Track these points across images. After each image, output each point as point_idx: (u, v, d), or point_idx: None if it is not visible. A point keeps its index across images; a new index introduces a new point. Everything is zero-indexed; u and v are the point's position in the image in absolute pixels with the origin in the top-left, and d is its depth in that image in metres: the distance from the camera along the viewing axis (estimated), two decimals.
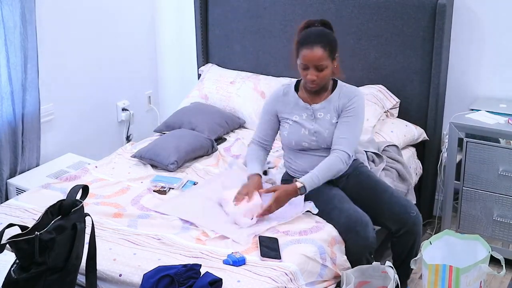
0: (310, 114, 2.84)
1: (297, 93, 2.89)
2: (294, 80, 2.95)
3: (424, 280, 2.59)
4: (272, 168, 3.27)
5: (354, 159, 2.95)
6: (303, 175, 2.78)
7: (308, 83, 2.76)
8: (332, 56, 2.74)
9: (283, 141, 2.94)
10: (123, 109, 4.26)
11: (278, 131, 2.97)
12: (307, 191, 2.71)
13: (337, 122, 2.81)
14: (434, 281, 2.52)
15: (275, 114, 2.92)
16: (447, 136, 3.40)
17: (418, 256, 2.62)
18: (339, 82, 2.89)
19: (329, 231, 2.66)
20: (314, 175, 2.72)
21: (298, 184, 2.69)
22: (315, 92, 2.83)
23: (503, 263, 2.56)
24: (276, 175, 3.15)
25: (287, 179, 2.95)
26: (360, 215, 2.67)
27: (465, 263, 2.55)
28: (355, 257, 2.65)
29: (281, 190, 2.71)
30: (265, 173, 3.22)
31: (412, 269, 2.76)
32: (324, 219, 2.73)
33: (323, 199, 2.76)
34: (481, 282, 2.52)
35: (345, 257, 2.66)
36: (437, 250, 2.70)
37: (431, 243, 2.68)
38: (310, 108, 2.84)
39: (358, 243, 2.64)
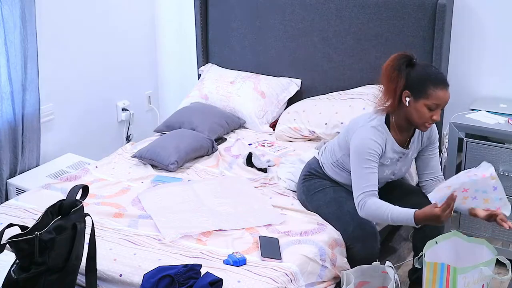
0: (401, 157, 2.70)
1: (390, 134, 2.65)
2: (380, 119, 2.64)
3: (423, 277, 2.59)
4: (273, 166, 3.27)
5: None
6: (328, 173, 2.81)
7: (428, 124, 2.57)
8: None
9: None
10: (123, 109, 4.26)
11: None
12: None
13: (414, 156, 2.76)
14: (433, 279, 2.52)
15: (379, 157, 2.62)
16: (447, 136, 3.40)
17: (420, 255, 2.62)
18: None
19: (330, 233, 2.66)
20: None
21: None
22: (404, 131, 2.66)
23: (509, 268, 2.55)
24: (278, 170, 3.15)
25: (311, 173, 2.88)
26: (370, 226, 2.65)
27: (468, 265, 2.55)
28: (357, 263, 2.65)
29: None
30: (265, 170, 3.22)
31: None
32: (330, 222, 2.72)
33: (337, 201, 2.74)
34: (483, 285, 2.51)
35: (346, 259, 2.66)
36: (443, 250, 2.70)
37: (436, 243, 2.68)
38: (406, 152, 2.69)
39: (362, 253, 2.65)
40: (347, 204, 2.72)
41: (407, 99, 2.55)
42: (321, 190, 2.80)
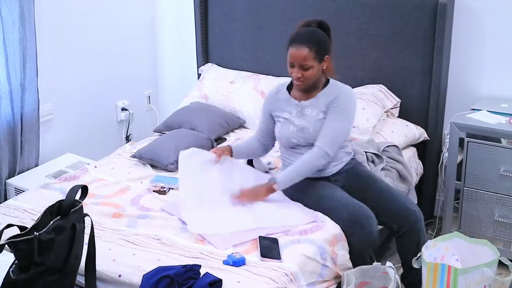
0: (299, 111, 2.87)
1: (289, 92, 2.93)
2: (289, 80, 2.96)
3: (423, 278, 2.59)
4: (273, 168, 3.26)
5: (352, 158, 2.95)
6: None
7: (294, 80, 2.81)
8: (320, 57, 2.75)
9: (277, 140, 2.99)
10: (123, 109, 4.25)
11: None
12: (279, 183, 2.78)
13: (323, 119, 2.82)
14: (433, 280, 2.51)
15: (269, 113, 2.97)
16: (448, 136, 3.39)
17: (419, 255, 2.61)
18: (331, 80, 2.89)
19: (330, 230, 2.64)
20: (289, 168, 2.81)
21: (273, 183, 2.80)
22: (306, 90, 2.86)
23: (511, 269, 2.54)
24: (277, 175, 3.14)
25: None
26: (365, 209, 2.68)
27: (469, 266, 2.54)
28: (359, 253, 2.65)
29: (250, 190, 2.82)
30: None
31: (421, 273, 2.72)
32: (327, 215, 2.72)
33: (324, 195, 2.77)
34: (485, 286, 2.50)
35: (348, 256, 2.65)
36: (443, 251, 2.69)
37: (435, 243, 2.67)
38: (299, 104, 2.87)
39: (362, 237, 2.64)
40: (334, 195, 2.75)
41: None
42: (304, 192, 2.83)
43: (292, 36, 2.79)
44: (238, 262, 2.38)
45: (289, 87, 2.95)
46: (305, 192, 2.84)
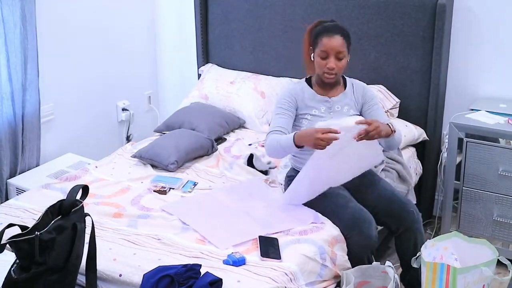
0: (329, 107, 2.85)
1: (311, 88, 2.90)
2: (301, 79, 2.95)
3: (422, 277, 2.60)
4: (273, 168, 3.26)
5: None
6: None
7: (326, 73, 2.77)
8: (348, 49, 2.80)
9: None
10: (123, 109, 4.26)
11: None
12: (396, 134, 2.72)
13: (355, 115, 2.82)
14: (432, 279, 2.52)
15: (295, 108, 2.85)
16: (447, 136, 3.40)
17: (418, 254, 2.62)
18: (347, 78, 2.95)
19: (329, 231, 2.66)
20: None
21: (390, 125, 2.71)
22: (330, 86, 2.86)
23: (510, 269, 2.55)
24: (278, 175, 3.15)
25: (292, 175, 2.93)
26: (364, 213, 2.68)
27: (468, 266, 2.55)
28: (357, 255, 2.65)
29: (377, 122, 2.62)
30: (265, 173, 3.22)
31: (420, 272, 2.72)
32: (327, 217, 2.73)
33: (326, 196, 2.76)
34: (483, 286, 2.51)
35: (346, 256, 2.66)
36: (442, 250, 2.70)
37: (435, 243, 2.68)
38: (329, 100, 2.85)
39: (360, 241, 2.64)
40: (336, 197, 2.75)
41: (312, 55, 2.82)
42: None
43: (321, 28, 2.79)
44: (238, 262, 2.39)
45: (308, 85, 2.91)
46: None
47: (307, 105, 2.86)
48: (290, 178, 2.93)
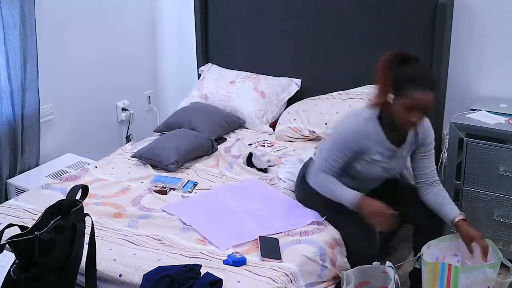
0: (392, 154, 2.67)
1: (383, 131, 2.63)
2: (374, 113, 2.63)
3: (423, 277, 2.59)
4: (273, 166, 3.26)
5: None
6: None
7: (408, 125, 2.55)
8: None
9: (351, 173, 2.70)
10: (123, 109, 4.26)
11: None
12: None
13: (409, 155, 2.75)
14: (433, 279, 2.52)
15: (358, 152, 2.63)
16: (448, 136, 3.39)
17: (418, 255, 2.62)
18: None
19: (330, 233, 2.66)
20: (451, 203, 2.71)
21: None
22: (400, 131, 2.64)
23: None
24: (278, 170, 3.15)
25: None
26: (368, 225, 2.63)
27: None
28: (356, 263, 2.64)
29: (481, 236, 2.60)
30: (265, 171, 3.22)
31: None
32: (329, 219, 2.72)
33: (332, 206, 2.71)
34: (488, 287, 2.50)
35: (346, 259, 2.66)
36: (444, 251, 2.70)
37: (437, 243, 2.68)
38: (397, 150, 2.67)
39: (361, 252, 2.64)
40: (344, 205, 2.71)
41: (391, 96, 2.53)
42: (317, 193, 2.80)
43: (419, 76, 2.50)
44: (238, 262, 2.39)
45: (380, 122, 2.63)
46: (315, 197, 2.78)
47: (371, 148, 2.62)
48: (302, 178, 2.89)
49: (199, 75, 4.19)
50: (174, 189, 3.03)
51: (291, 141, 3.60)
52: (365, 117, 2.62)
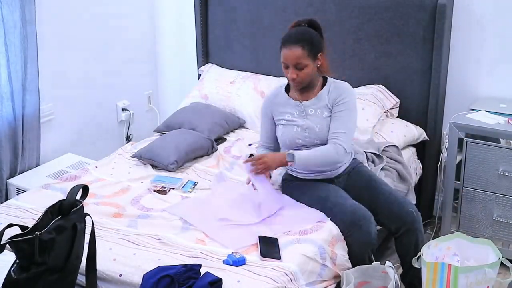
0: (301, 111, 2.88)
1: (287, 93, 2.95)
2: (285, 82, 2.98)
3: (422, 277, 2.60)
4: None
5: (353, 159, 2.96)
6: (303, 173, 2.87)
7: (289, 81, 2.84)
8: (314, 55, 2.78)
9: (280, 142, 2.97)
10: (123, 109, 4.26)
11: None
12: (295, 160, 2.77)
13: (329, 117, 2.84)
14: (433, 279, 2.52)
15: (270, 117, 2.98)
16: (447, 136, 3.40)
17: (419, 254, 2.62)
18: (329, 78, 2.93)
19: (330, 230, 2.65)
20: (307, 151, 2.81)
21: (287, 155, 2.79)
22: (304, 89, 2.88)
23: (511, 271, 2.55)
24: (276, 176, 3.15)
25: (287, 178, 2.96)
26: (363, 210, 2.68)
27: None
28: (357, 254, 2.66)
29: (271, 154, 2.88)
30: None
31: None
32: (326, 216, 2.73)
33: (324, 197, 2.77)
34: (488, 287, 2.51)
35: (347, 256, 2.66)
36: (444, 251, 2.70)
37: (437, 244, 2.68)
38: (300, 105, 2.89)
39: (360, 238, 2.64)
40: (334, 196, 2.76)
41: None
42: (303, 194, 2.84)
43: (283, 37, 2.83)
44: (238, 262, 2.39)
45: (287, 89, 2.97)
46: (305, 193, 2.85)
47: (280, 110, 2.93)
48: (285, 181, 2.97)
49: (199, 75, 4.20)
50: (174, 189, 3.03)
51: None
52: (277, 86, 3.06)
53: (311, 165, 2.83)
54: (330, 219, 2.70)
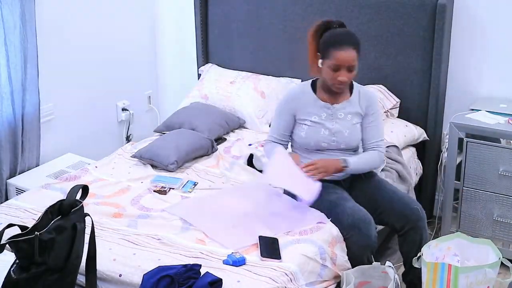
0: (331, 114, 2.82)
1: (314, 93, 2.86)
2: (307, 81, 2.91)
3: (423, 278, 2.60)
4: None
5: None
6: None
7: (336, 84, 2.74)
8: (359, 58, 2.76)
9: (298, 142, 2.89)
10: (123, 109, 4.26)
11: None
12: (349, 166, 2.77)
13: (358, 124, 2.83)
14: (433, 279, 2.52)
15: (292, 114, 2.87)
16: (447, 136, 3.40)
17: (419, 254, 2.62)
18: (354, 83, 2.89)
19: (330, 231, 2.65)
20: (356, 157, 2.81)
21: (341, 160, 2.77)
22: (335, 93, 2.82)
23: (511, 271, 2.55)
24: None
25: None
26: (363, 213, 2.68)
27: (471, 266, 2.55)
28: (357, 256, 2.65)
29: (324, 160, 2.78)
30: None
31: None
32: (326, 217, 2.73)
33: (325, 198, 2.76)
34: (488, 287, 2.51)
35: (346, 257, 2.66)
36: (444, 251, 2.70)
37: (437, 244, 2.68)
38: (331, 107, 2.83)
39: (360, 241, 2.64)
40: (335, 198, 2.75)
41: (320, 61, 2.76)
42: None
43: (332, 38, 2.73)
44: (238, 262, 2.39)
45: (313, 88, 2.88)
46: None
47: (307, 110, 2.83)
48: None
49: (199, 75, 4.20)
50: (174, 189, 3.03)
51: None
52: (300, 83, 2.98)
53: (359, 170, 2.84)
54: (330, 220, 2.70)
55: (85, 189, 2.23)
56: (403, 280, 2.89)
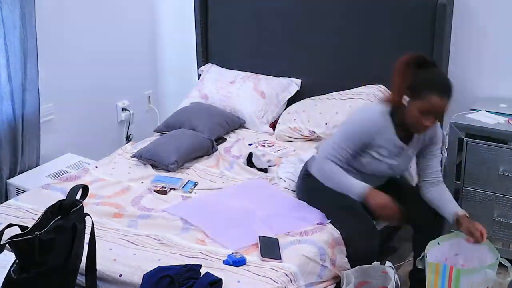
0: (400, 153, 2.71)
1: (395, 130, 2.66)
2: (386, 110, 2.66)
3: (426, 278, 2.60)
4: (273, 166, 3.27)
5: None
6: None
7: (421, 128, 2.58)
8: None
9: (356, 164, 2.73)
10: (123, 109, 4.26)
11: None
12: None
13: (414, 153, 2.77)
14: (435, 280, 2.52)
15: (367, 143, 2.67)
16: (447, 136, 3.40)
17: (422, 255, 2.62)
18: None
19: (330, 232, 2.65)
20: (452, 200, 2.77)
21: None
22: (411, 131, 2.66)
23: (510, 271, 2.55)
24: (278, 171, 3.16)
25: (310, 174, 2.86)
26: (369, 222, 2.65)
27: (470, 266, 2.55)
28: (356, 262, 2.64)
29: (471, 223, 2.66)
30: (265, 170, 3.22)
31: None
32: (330, 216, 2.73)
33: (333, 201, 2.73)
34: (488, 287, 2.51)
35: (346, 259, 2.66)
36: (445, 251, 2.70)
37: (438, 243, 2.68)
38: (406, 148, 2.71)
39: (362, 250, 2.64)
40: (345, 202, 2.71)
41: (406, 98, 2.55)
42: (319, 190, 2.79)
43: (436, 82, 2.54)
44: (238, 262, 2.39)
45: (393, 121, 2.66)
46: (317, 194, 2.80)
47: (380, 144, 2.66)
48: (307, 176, 2.86)
49: (199, 75, 4.19)
50: (174, 189, 3.03)
51: (291, 141, 3.60)
52: (380, 111, 2.65)
53: None
54: (334, 225, 2.69)
55: (85, 189, 2.23)
56: (409, 278, 2.90)
